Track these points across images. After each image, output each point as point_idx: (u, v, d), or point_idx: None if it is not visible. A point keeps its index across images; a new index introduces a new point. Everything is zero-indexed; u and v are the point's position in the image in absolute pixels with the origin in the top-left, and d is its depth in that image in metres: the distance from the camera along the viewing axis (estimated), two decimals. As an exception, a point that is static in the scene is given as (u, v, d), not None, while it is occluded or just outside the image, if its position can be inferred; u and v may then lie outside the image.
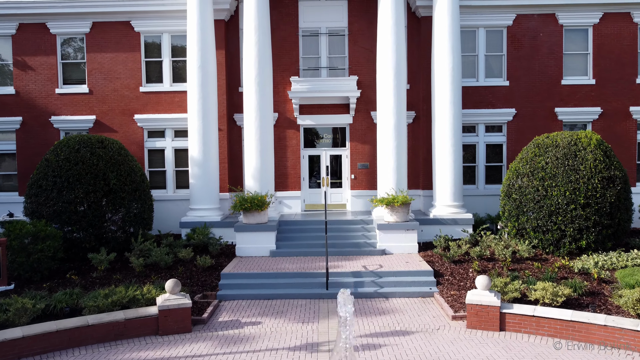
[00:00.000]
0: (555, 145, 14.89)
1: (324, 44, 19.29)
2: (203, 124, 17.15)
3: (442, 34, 17.01)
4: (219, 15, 18.51)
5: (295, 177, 19.46)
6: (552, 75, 18.92)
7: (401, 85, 16.91)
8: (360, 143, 19.34)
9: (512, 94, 18.97)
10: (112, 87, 18.93)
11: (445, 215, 17.13)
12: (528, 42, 18.87)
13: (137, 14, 18.61)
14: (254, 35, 16.86)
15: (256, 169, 17.02)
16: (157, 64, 19.08)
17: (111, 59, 18.88)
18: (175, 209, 19.01)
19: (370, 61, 19.18)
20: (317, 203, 19.69)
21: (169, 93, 18.99)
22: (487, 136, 19.17)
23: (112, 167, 15.38)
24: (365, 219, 17.25)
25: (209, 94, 17.22)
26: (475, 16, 18.69)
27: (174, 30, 18.83)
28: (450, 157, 17.12)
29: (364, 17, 19.12)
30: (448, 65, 16.97)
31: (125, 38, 18.84)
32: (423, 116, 18.86)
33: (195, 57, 17.06)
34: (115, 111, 18.97)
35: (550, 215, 14.51)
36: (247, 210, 15.94)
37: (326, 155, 19.61)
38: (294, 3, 19.14)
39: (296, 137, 19.38)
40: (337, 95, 18.58)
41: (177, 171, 19.26)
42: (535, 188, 14.72)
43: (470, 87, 18.95)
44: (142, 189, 16.14)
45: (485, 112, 18.92)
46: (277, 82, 19.23)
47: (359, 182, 19.41)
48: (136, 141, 19.00)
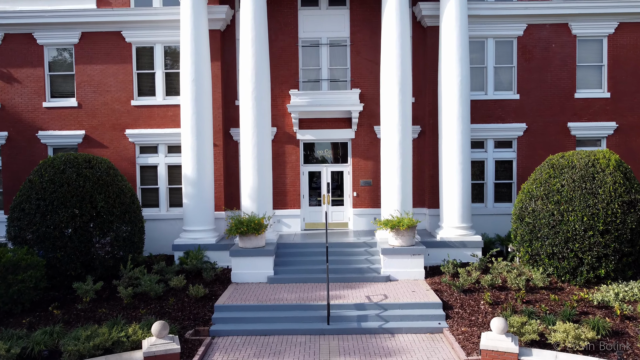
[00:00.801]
0: (572, 167, 13.96)
1: (324, 55, 18.37)
2: (197, 141, 16.23)
3: (450, 46, 16.09)
4: (214, 25, 17.59)
5: (295, 195, 18.53)
6: (565, 88, 17.98)
7: (406, 100, 15.99)
8: (363, 159, 18.41)
9: (522, 108, 18.04)
10: (102, 100, 18.01)
11: (453, 238, 16.20)
12: (539, 53, 17.94)
13: (129, 24, 17.69)
14: (251, 47, 15.93)
15: (253, 189, 16.11)
16: (150, 76, 18.16)
17: (101, 71, 17.96)
18: (169, 229, 18.09)
19: (373, 73, 18.26)
20: (318, 222, 18.76)
21: (162, 107, 18.07)
22: (496, 152, 18.23)
23: (100, 188, 14.47)
24: (369, 241, 16.32)
25: (204, 109, 16.31)
26: (484, 26, 17.75)
27: (167, 40, 17.90)
28: (459, 176, 16.19)
29: (366, 27, 18.19)
30: (456, 79, 16.05)
31: (116, 49, 17.92)
32: (429, 131, 17.93)
33: (189, 71, 16.14)
34: (105, 126, 18.05)
35: (566, 241, 13.58)
36: (244, 234, 15.02)
37: (327, 171, 18.69)
38: (293, 12, 18.22)
39: (295, 153, 18.45)
40: (338, 109, 17.66)
41: (170, 189, 18.34)
42: (550, 212, 13.79)
43: (479, 101, 18.02)
44: (133, 210, 15.23)
45: (495, 126, 17.99)
46: (276, 95, 18.30)
47: (361, 199, 18.49)
48: (127, 157, 18.08)
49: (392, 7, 15.87)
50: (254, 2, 15.90)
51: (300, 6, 18.33)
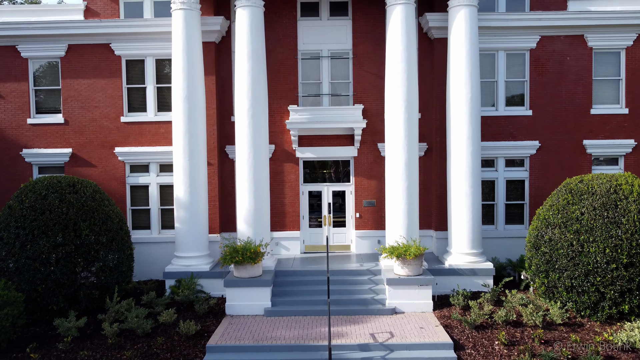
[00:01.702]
0: (592, 193, 12.95)
1: (325, 68, 17.36)
2: (190, 163, 15.23)
3: (459, 61, 15.08)
4: (209, 37, 16.59)
5: (294, 216, 17.53)
6: (580, 104, 16.96)
7: (413, 118, 14.99)
8: (366, 178, 17.40)
9: (535, 125, 17.02)
10: (90, 116, 17.01)
11: (463, 265, 15.20)
12: (553, 66, 16.92)
13: (118, 36, 16.68)
14: (247, 62, 14.94)
15: (249, 212, 15.11)
16: (140, 91, 17.15)
17: (89, 86, 16.96)
18: (161, 253, 17.09)
19: (377, 87, 17.25)
20: (318, 244, 17.75)
21: (154, 123, 17.06)
22: (507, 171, 17.22)
23: (85, 215, 13.49)
24: (373, 268, 15.31)
25: (197, 128, 15.31)
26: (495, 38, 16.74)
27: (158, 53, 16.90)
28: (468, 199, 15.19)
29: (370, 39, 17.19)
30: (465, 96, 15.04)
31: (105, 62, 16.91)
32: (436, 149, 16.92)
33: (181, 87, 15.14)
34: (93, 143, 17.05)
35: (586, 274, 12.58)
36: (239, 264, 14.02)
37: (328, 191, 17.68)
38: (292, 23, 17.22)
39: (295, 172, 17.45)
40: (340, 126, 16.66)
41: (162, 210, 17.33)
42: (568, 242, 12.79)
43: (489, 117, 17.00)
44: (121, 237, 14.25)
45: (506, 144, 16.97)
46: (274, 111, 17.30)
47: (364, 221, 17.48)
48: (117, 177, 17.08)
49: (398, 19, 14.87)
50: (250, 15, 14.91)
51: (300, 17, 17.34)
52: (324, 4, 17.24)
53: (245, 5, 14.93)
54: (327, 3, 17.25)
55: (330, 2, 17.32)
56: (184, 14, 15.05)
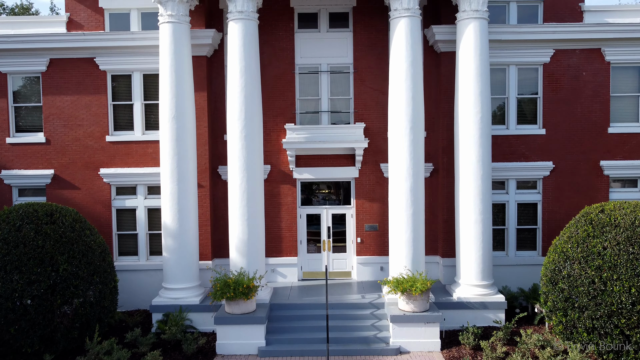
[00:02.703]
0: (615, 225, 11.85)
1: (324, 84, 16.28)
2: (178, 187, 14.16)
3: (468, 77, 14.00)
4: (199, 51, 15.52)
5: (291, 240, 16.44)
6: (597, 122, 15.87)
7: (418, 140, 13.92)
8: (368, 200, 16.32)
9: (548, 144, 15.93)
10: (73, 135, 15.94)
11: (472, 298, 14.11)
12: (568, 82, 15.83)
13: (103, 50, 15.61)
14: (240, 79, 13.87)
15: (242, 241, 14.04)
16: (127, 108, 16.07)
17: (72, 103, 15.89)
18: (149, 281, 16.00)
19: (379, 104, 16.17)
20: (317, 270, 16.66)
21: (141, 143, 15.99)
22: (518, 194, 16.12)
23: (63, 247, 12.41)
24: (375, 301, 14.23)
25: (186, 149, 14.23)
26: (506, 52, 15.64)
27: (146, 68, 15.82)
28: (478, 226, 14.10)
29: (372, 52, 16.11)
30: (475, 116, 13.96)
31: (89, 78, 15.84)
32: (443, 169, 15.83)
33: (168, 106, 14.06)
34: (77, 164, 15.97)
35: (609, 315, 11.48)
36: (231, 299, 12.94)
37: (327, 214, 16.59)
38: (289, 36, 16.14)
39: (292, 194, 16.37)
40: (340, 146, 15.58)
41: (151, 235, 16.25)
42: (589, 279, 11.69)
43: (499, 136, 15.91)
44: (103, 269, 13.18)
45: (517, 165, 15.87)
46: (269, 129, 16.23)
47: (366, 246, 16.40)
48: (102, 200, 16.00)
49: (402, 33, 13.80)
50: (243, 29, 13.84)
51: (297, 28, 16.26)
52: (322, 15, 16.17)
53: (238, 19, 13.87)
54: (326, 14, 16.18)
55: (329, 13, 16.24)
56: (171, 27, 13.97)
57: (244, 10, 13.83)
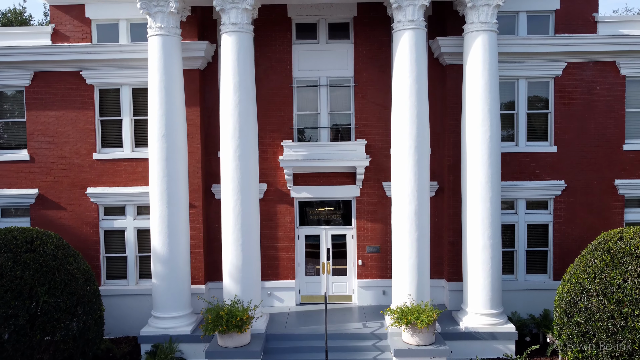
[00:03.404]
0: (636, 255, 11.02)
1: (324, 98, 15.45)
2: (168, 210, 13.33)
3: (476, 93, 13.17)
4: (192, 63, 14.69)
5: (289, 263, 15.61)
6: (612, 139, 15.03)
7: (424, 160, 13.10)
8: (370, 221, 15.49)
9: (560, 163, 15.09)
10: (58, 153, 15.10)
11: (480, 328, 13.27)
12: (581, 96, 14.99)
13: (90, 63, 14.78)
14: (234, 95, 13.04)
15: (236, 267, 13.21)
16: (116, 123, 15.24)
17: (58, 118, 15.06)
18: (138, 306, 15.16)
19: (382, 119, 15.34)
20: (316, 294, 15.82)
21: (131, 160, 15.15)
22: (528, 214, 15.28)
23: (43, 277, 11.58)
24: (377, 331, 13.40)
25: (177, 169, 13.40)
26: (515, 65, 14.81)
27: (135, 82, 14.98)
28: (487, 252, 13.27)
29: (374, 65, 15.27)
30: (484, 134, 13.12)
31: (75, 92, 15.01)
32: (449, 189, 15.00)
33: (157, 124, 13.24)
34: (62, 183, 15.14)
35: (631, 354, 10.65)
36: (224, 332, 12.11)
37: (327, 235, 15.76)
38: (286, 47, 15.30)
39: (289, 213, 15.53)
40: (340, 164, 14.75)
41: (141, 257, 15.41)
42: (608, 314, 10.86)
43: (508, 154, 15.08)
44: (88, 299, 12.35)
45: (527, 184, 15.04)
46: (265, 146, 15.40)
47: (368, 269, 15.56)
48: (89, 220, 15.16)
49: (406, 46, 12.97)
50: (237, 42, 13.01)
51: (295, 40, 15.43)
52: (322, 25, 15.33)
53: (232, 31, 13.04)
54: (325, 25, 15.34)
55: (329, 24, 15.41)
56: (161, 40, 13.15)
57: (237, 22, 13.01)
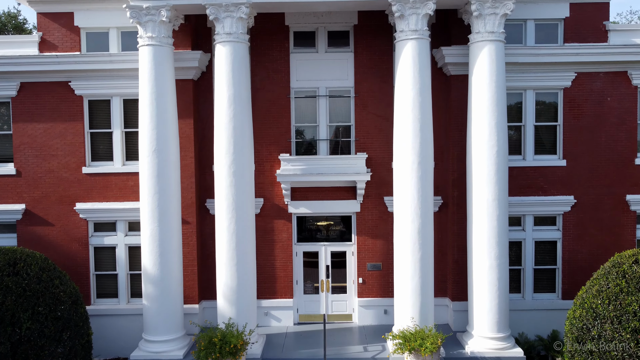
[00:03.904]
0: (652, 280, 10.41)
1: (323, 109, 14.84)
2: (160, 228, 12.72)
3: (483, 106, 12.56)
4: (185, 74, 14.09)
5: (286, 281, 15.00)
6: (623, 152, 14.42)
7: (427, 175, 12.50)
8: (371, 237, 14.88)
9: (570, 177, 14.48)
10: (46, 167, 14.50)
11: (487, 352, 12.66)
12: (591, 108, 14.38)
13: (79, 73, 14.17)
14: (228, 108, 12.44)
15: (231, 288, 12.61)
16: (106, 136, 14.63)
17: (45, 131, 14.45)
18: (130, 327, 14.54)
19: (383, 131, 14.73)
20: (315, 313, 15.21)
21: (122, 175, 14.54)
22: (536, 231, 14.66)
23: (27, 302, 10.98)
24: (379, 355, 12.82)
25: (169, 185, 12.79)
26: (522, 75, 14.20)
27: (126, 93, 14.38)
28: (494, 272, 12.66)
29: (375, 75, 14.67)
30: (490, 149, 12.51)
31: (64, 103, 14.40)
32: (453, 204, 14.39)
33: (148, 139, 12.63)
34: (50, 198, 14.53)
35: (648, 386, 10.04)
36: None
37: (326, 251, 15.14)
38: (284, 56, 14.69)
39: (287, 229, 14.92)
40: (340, 179, 14.15)
41: (132, 275, 14.80)
42: (625, 343, 10.24)
43: (515, 168, 14.46)
44: (75, 323, 11.74)
45: (535, 200, 14.42)
46: (262, 159, 14.79)
47: (369, 287, 14.95)
48: (78, 237, 14.55)
49: (409, 57, 12.37)
50: (232, 53, 12.41)
51: (293, 49, 14.82)
52: (321, 34, 14.72)
53: (226, 41, 12.44)
54: (324, 33, 14.73)
55: (328, 32, 14.80)
56: (152, 51, 12.54)
57: (232, 31, 12.41)
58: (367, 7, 13.15)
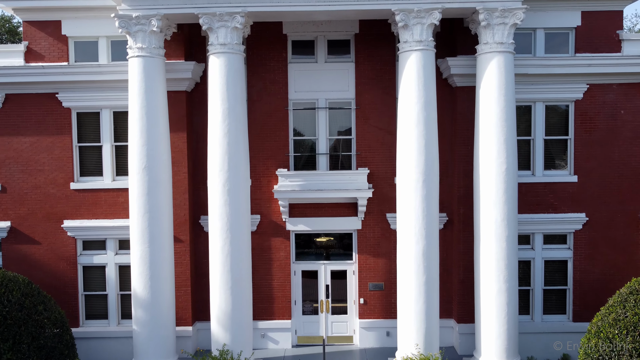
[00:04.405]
0: (674, 310, 9.76)
1: (322, 122, 14.18)
2: (150, 250, 12.07)
3: (491, 121, 11.91)
4: (178, 85, 13.44)
5: (284, 301, 14.34)
6: (637, 168, 13.76)
7: (432, 194, 11.87)
8: (372, 255, 14.22)
9: (581, 193, 13.82)
10: (33, 182, 13.84)
11: (496, 380, 12.02)
12: (604, 121, 13.73)
13: (66, 85, 13.53)
14: (222, 123, 11.79)
15: (225, 313, 11.96)
16: (95, 150, 13.98)
17: (32, 145, 13.80)
18: (120, 349, 13.90)
19: (385, 145, 14.07)
20: (314, 335, 14.55)
21: (112, 191, 13.89)
22: (546, 250, 14.00)
23: (8, 332, 10.29)
24: (381, 383, 12.17)
25: (160, 205, 12.14)
26: (531, 87, 13.55)
27: (117, 105, 13.74)
28: (503, 296, 12.00)
29: (377, 85, 14.01)
30: (499, 167, 11.85)
31: (51, 116, 13.75)
32: (459, 222, 13.73)
33: (138, 155, 11.98)
34: (37, 215, 13.88)
35: None
36: (209, 391, 10.86)
37: (326, 270, 14.49)
38: (281, 67, 14.04)
39: (285, 247, 14.27)
40: (340, 195, 13.50)
41: (122, 295, 14.15)
42: (644, 378, 9.59)
43: (524, 184, 13.81)
44: (60, 351, 11.05)
45: (545, 217, 13.77)
46: (259, 174, 14.14)
47: (370, 308, 14.29)
48: (66, 256, 13.90)
49: (413, 70, 11.74)
50: (226, 64, 11.76)
51: (292, 58, 14.17)
52: (320, 43, 14.07)
53: (220, 52, 11.79)
54: (324, 42, 14.08)
55: (328, 41, 14.15)
56: (142, 62, 11.89)
57: (227, 42, 11.76)
58: (369, 16, 12.50)
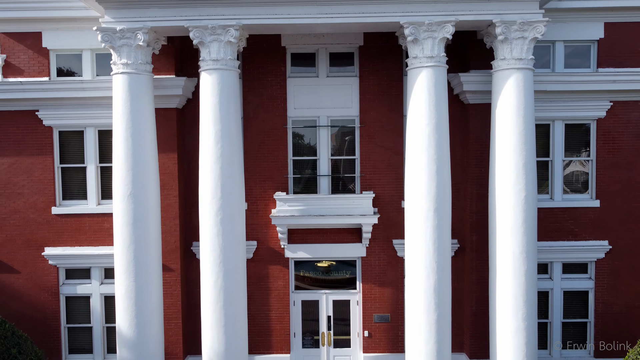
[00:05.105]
0: None
1: (324, 141, 13.17)
2: (136, 284, 11.05)
3: (508, 143, 10.89)
4: (168, 102, 12.44)
5: (283, 334, 13.32)
6: (664, 192, 12.77)
7: (444, 223, 10.88)
8: (378, 285, 13.21)
9: (603, 219, 12.80)
10: (11, 207, 12.83)
11: None
12: (628, 141, 12.72)
13: (47, 102, 12.52)
14: (215, 146, 10.79)
15: (217, 354, 10.96)
16: (79, 172, 12.97)
17: (10, 166, 12.78)
18: (105, 387, 12.91)
19: (392, 166, 13.06)
20: (315, 369, 13.55)
21: (96, 216, 12.87)
22: (565, 279, 12.99)
23: (-25, 380, 9.31)
24: None
25: (147, 234, 11.12)
26: (550, 104, 12.54)
27: (102, 123, 12.73)
28: (521, 336, 10.96)
29: (383, 102, 13.00)
30: (518, 194, 10.83)
31: (31, 135, 12.74)
32: (471, 250, 12.72)
33: (122, 182, 10.95)
34: (16, 242, 12.86)
35: None
36: None
37: (327, 300, 13.46)
38: (280, 82, 13.03)
39: (284, 276, 13.25)
40: (343, 221, 12.49)
41: (108, 328, 13.13)
42: None
43: (542, 209, 12.79)
44: (35, 397, 10.06)
45: (564, 245, 12.75)
46: (255, 197, 13.12)
47: (375, 341, 13.27)
48: (47, 286, 12.89)
49: (423, 87, 10.74)
50: (219, 82, 10.76)
51: (291, 72, 13.16)
52: (322, 56, 13.05)
53: (213, 69, 10.78)
54: (326, 55, 13.07)
55: (330, 54, 13.14)
56: (127, 80, 10.87)
57: (220, 57, 10.75)
58: (375, 29, 11.50)
